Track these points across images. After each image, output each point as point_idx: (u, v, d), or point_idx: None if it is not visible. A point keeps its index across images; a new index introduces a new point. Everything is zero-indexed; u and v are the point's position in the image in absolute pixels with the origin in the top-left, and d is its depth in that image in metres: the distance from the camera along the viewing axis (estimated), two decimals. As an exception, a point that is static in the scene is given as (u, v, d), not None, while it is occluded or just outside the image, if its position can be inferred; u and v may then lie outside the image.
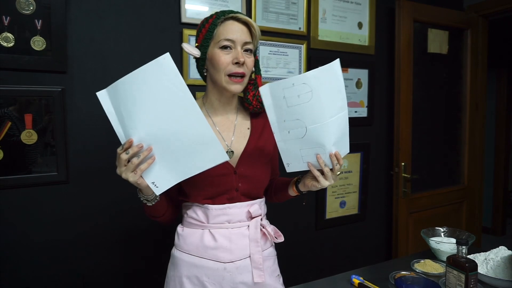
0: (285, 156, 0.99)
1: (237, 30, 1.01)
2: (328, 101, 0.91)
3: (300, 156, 0.98)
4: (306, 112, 0.90)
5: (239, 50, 1.00)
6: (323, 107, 0.90)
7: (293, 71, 2.00)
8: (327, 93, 0.90)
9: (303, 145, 0.96)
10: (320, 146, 0.95)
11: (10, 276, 1.43)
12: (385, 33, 2.33)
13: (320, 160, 0.96)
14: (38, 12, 1.40)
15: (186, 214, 1.11)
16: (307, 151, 0.97)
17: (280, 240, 1.13)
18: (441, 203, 2.52)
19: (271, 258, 1.15)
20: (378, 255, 2.43)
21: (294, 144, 0.96)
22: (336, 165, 0.97)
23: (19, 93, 1.39)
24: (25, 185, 1.43)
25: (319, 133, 0.93)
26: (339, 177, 2.21)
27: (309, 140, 0.94)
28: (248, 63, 1.03)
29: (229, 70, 1.00)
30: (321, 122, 0.91)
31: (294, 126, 0.93)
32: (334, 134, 0.95)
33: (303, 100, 0.89)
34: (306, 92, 0.88)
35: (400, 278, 1.15)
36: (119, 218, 1.61)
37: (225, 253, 1.05)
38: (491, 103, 3.82)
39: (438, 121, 2.60)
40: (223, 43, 1.00)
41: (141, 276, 1.67)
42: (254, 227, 1.08)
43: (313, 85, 0.88)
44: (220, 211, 1.06)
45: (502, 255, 1.21)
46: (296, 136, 0.94)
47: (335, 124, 0.94)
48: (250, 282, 1.07)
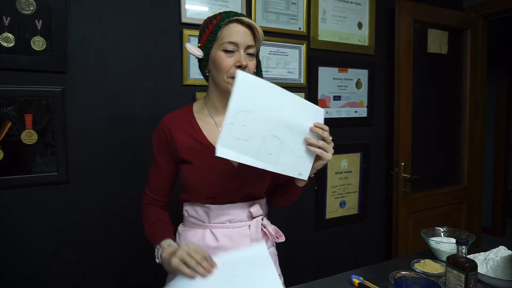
0: (292, 171, 0.98)
1: (241, 33, 1.00)
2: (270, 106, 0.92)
3: (299, 158, 0.97)
4: (266, 125, 0.91)
5: (242, 54, 1.00)
6: (271, 114, 0.92)
7: (293, 71, 2.00)
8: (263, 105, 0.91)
9: (289, 150, 0.95)
10: (299, 135, 0.95)
11: (10, 276, 1.43)
12: (385, 33, 2.33)
13: (311, 140, 0.96)
14: (38, 12, 1.40)
15: (187, 214, 1.12)
16: (297, 149, 0.96)
17: (281, 240, 1.13)
18: (441, 203, 2.52)
19: (272, 258, 1.15)
20: (378, 255, 2.43)
21: (285, 156, 0.95)
22: (323, 133, 0.97)
23: (19, 93, 1.39)
24: (25, 185, 1.43)
25: (286, 129, 0.93)
26: (339, 177, 2.21)
27: (288, 142, 0.94)
28: (250, 66, 1.02)
29: (231, 73, 1.00)
30: (279, 120, 0.92)
31: (269, 145, 0.92)
32: (297, 115, 0.95)
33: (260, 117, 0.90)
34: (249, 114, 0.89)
35: (400, 278, 1.15)
36: (119, 218, 1.61)
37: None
38: (491, 103, 3.81)
39: (438, 121, 2.60)
40: (226, 46, 0.99)
41: (142, 276, 1.67)
42: (255, 227, 1.09)
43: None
44: (221, 211, 1.06)
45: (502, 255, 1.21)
46: (278, 151, 0.93)
47: (290, 109, 0.93)
48: None
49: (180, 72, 1.69)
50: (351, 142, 2.26)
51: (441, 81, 2.59)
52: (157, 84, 1.65)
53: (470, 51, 2.59)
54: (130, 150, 1.61)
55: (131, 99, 1.61)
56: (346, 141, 2.24)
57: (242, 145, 0.89)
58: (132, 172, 1.62)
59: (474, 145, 2.66)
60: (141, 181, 1.62)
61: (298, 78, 2.02)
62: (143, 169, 1.62)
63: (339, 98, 2.18)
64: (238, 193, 1.07)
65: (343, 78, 2.19)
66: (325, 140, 0.98)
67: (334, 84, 2.15)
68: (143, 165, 1.62)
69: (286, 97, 0.92)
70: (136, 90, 1.62)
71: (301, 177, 1.00)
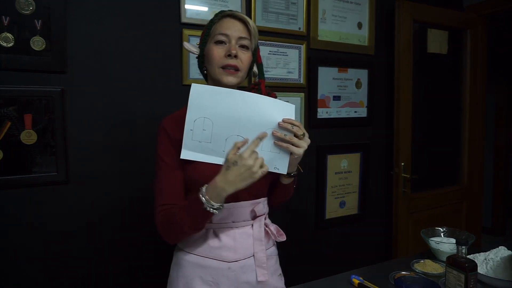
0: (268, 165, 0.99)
1: (232, 26, 1.02)
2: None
3: (270, 153, 0.98)
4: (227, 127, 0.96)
5: (232, 44, 1.01)
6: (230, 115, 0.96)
7: (293, 71, 2.00)
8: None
9: (259, 147, 0.96)
10: (268, 131, 0.97)
11: (9, 276, 1.43)
12: (384, 33, 2.33)
13: (277, 134, 0.96)
14: (38, 12, 1.40)
15: None
16: (267, 145, 0.97)
17: (282, 239, 1.13)
18: (441, 203, 2.52)
19: (273, 258, 1.16)
20: (378, 255, 2.42)
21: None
22: (293, 128, 0.96)
23: (19, 93, 1.39)
24: (25, 185, 1.43)
25: (251, 127, 0.96)
26: (339, 177, 2.21)
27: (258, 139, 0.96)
28: (243, 58, 1.03)
29: (222, 62, 1.01)
30: (241, 120, 0.95)
31: (233, 144, 0.94)
32: (263, 113, 0.96)
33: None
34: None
35: (400, 278, 1.15)
36: (119, 218, 1.61)
37: (229, 252, 1.05)
38: (491, 103, 3.81)
39: (438, 121, 2.60)
40: (217, 38, 1.02)
41: (143, 276, 1.67)
42: (258, 226, 1.09)
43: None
44: (225, 210, 1.04)
45: (502, 255, 1.21)
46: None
47: (254, 109, 0.96)
48: (253, 282, 1.07)
49: (180, 72, 1.68)
50: (351, 142, 2.26)
51: (441, 81, 2.58)
52: (157, 84, 1.65)
53: (470, 51, 2.59)
54: (130, 150, 1.61)
55: (131, 99, 1.61)
56: (346, 141, 2.23)
57: (206, 147, 0.97)
58: (132, 172, 1.62)
59: (474, 145, 2.66)
60: (141, 181, 1.63)
61: (298, 78, 2.02)
62: (143, 169, 1.62)
63: (339, 98, 2.18)
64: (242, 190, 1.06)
65: (343, 78, 2.18)
66: (296, 135, 0.97)
67: (334, 84, 2.15)
68: (143, 165, 1.62)
69: (248, 98, 0.96)
70: (136, 90, 1.61)
71: (278, 171, 1.00)
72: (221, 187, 0.91)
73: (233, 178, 0.90)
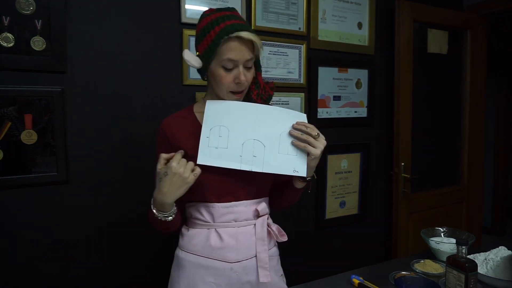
0: (284, 169, 1.02)
1: (239, 51, 0.98)
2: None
3: (288, 155, 1.02)
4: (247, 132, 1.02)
5: (240, 70, 1.00)
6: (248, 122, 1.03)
7: (293, 71, 2.00)
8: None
9: (275, 149, 1.02)
10: (284, 135, 1.03)
11: (9, 276, 1.43)
12: (384, 33, 2.33)
13: (294, 133, 1.02)
14: (38, 12, 1.40)
15: (191, 215, 1.10)
16: (284, 147, 1.02)
17: (283, 239, 1.12)
18: (441, 203, 2.52)
19: (274, 258, 1.15)
20: (378, 255, 2.42)
21: (272, 156, 1.01)
22: (307, 129, 1.00)
23: (19, 93, 1.39)
24: (25, 185, 1.43)
25: (267, 131, 1.02)
26: (339, 177, 2.21)
27: (272, 143, 1.02)
28: (248, 78, 1.04)
29: (230, 88, 1.02)
30: (256, 126, 1.02)
31: (250, 148, 1.01)
32: (278, 119, 1.04)
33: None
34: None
35: (400, 278, 1.15)
36: (119, 218, 1.61)
37: (231, 252, 1.05)
38: (491, 103, 3.81)
39: (438, 121, 2.60)
40: (226, 64, 0.99)
41: (143, 277, 1.67)
42: (261, 226, 1.08)
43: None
44: (226, 209, 1.05)
45: (502, 255, 1.21)
46: (262, 152, 1.01)
47: (268, 117, 1.04)
48: (255, 282, 1.07)
49: (180, 72, 1.68)
50: (351, 142, 2.26)
51: (441, 81, 2.58)
52: (157, 84, 1.65)
53: (470, 51, 2.59)
54: (130, 150, 1.61)
55: (131, 99, 1.61)
56: (346, 141, 2.23)
57: (222, 153, 1.01)
58: (132, 172, 1.62)
59: (474, 145, 2.66)
60: (141, 181, 1.63)
61: (298, 78, 2.02)
62: (143, 169, 1.62)
63: (339, 98, 2.18)
64: (243, 189, 1.06)
65: (343, 78, 2.18)
66: (310, 135, 1.00)
67: (334, 84, 2.15)
68: (143, 165, 1.62)
69: (262, 108, 1.04)
70: (136, 90, 1.61)
71: (297, 174, 1.02)
72: (159, 199, 0.96)
73: (167, 188, 0.94)
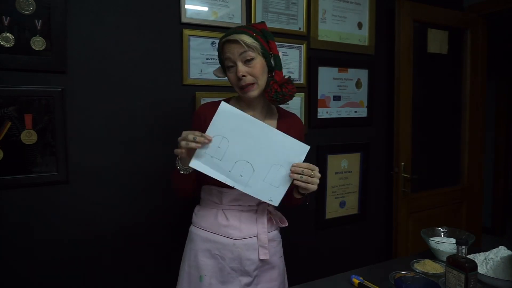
0: (261, 195, 1.11)
1: (230, 49, 1.15)
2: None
3: (270, 185, 1.10)
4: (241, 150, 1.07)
5: (239, 66, 1.14)
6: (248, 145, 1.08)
7: (293, 71, 2.00)
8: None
9: (261, 176, 1.09)
10: (276, 166, 1.08)
11: (9, 276, 1.43)
12: (385, 33, 2.33)
13: (294, 176, 1.09)
14: (38, 12, 1.40)
15: (204, 196, 1.29)
16: (270, 177, 1.09)
17: (284, 225, 1.30)
18: (441, 203, 2.52)
19: (275, 240, 1.30)
20: (378, 255, 2.42)
21: (255, 181, 1.09)
22: (303, 172, 1.08)
23: (19, 93, 1.39)
24: (25, 185, 1.43)
25: (262, 158, 1.08)
26: (339, 177, 2.21)
27: (261, 170, 1.08)
28: (252, 71, 1.15)
29: (238, 85, 1.17)
30: (254, 149, 1.07)
31: (241, 168, 1.07)
32: (277, 148, 1.08)
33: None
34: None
35: (400, 278, 1.15)
36: (118, 218, 1.61)
37: (235, 230, 1.21)
38: (491, 103, 3.81)
39: (438, 121, 2.60)
40: (226, 64, 1.18)
41: (143, 276, 1.67)
42: (262, 211, 1.25)
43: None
44: (233, 195, 1.21)
45: (502, 255, 1.21)
46: (249, 175, 1.09)
47: (269, 142, 1.08)
48: (255, 259, 1.23)
49: (180, 72, 1.68)
50: (351, 142, 2.26)
51: (441, 81, 2.58)
52: (157, 84, 1.65)
53: (470, 51, 2.59)
54: (130, 150, 1.61)
55: (131, 99, 1.61)
56: (346, 141, 2.23)
57: (215, 163, 1.07)
58: (132, 172, 1.62)
59: (474, 145, 2.66)
60: (141, 181, 1.63)
61: (298, 78, 2.02)
62: (143, 169, 1.62)
63: (339, 98, 2.18)
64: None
65: (343, 78, 2.18)
66: (308, 175, 1.10)
67: (334, 84, 2.15)
68: (143, 164, 1.63)
69: (269, 132, 1.08)
70: (136, 90, 1.61)
71: (272, 202, 1.13)
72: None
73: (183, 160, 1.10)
